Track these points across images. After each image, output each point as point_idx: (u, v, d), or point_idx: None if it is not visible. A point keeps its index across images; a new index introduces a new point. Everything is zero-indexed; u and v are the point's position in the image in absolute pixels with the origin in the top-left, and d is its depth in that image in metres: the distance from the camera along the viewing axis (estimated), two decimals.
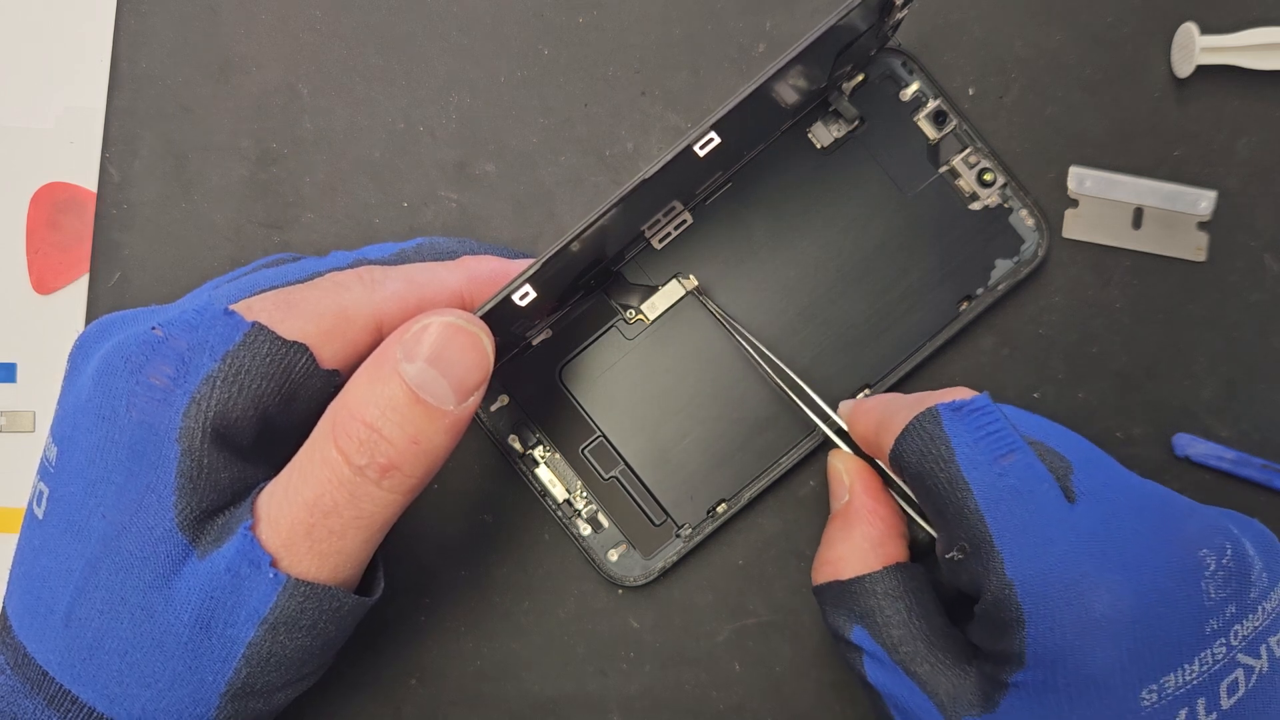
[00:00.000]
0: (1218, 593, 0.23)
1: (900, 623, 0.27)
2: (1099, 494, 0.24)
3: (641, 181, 0.25)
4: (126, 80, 0.34)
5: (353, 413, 0.23)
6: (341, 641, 0.26)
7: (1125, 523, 0.24)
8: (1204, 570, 0.23)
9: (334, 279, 0.26)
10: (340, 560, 0.24)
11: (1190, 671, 0.23)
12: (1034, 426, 0.26)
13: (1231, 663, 0.23)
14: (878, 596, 0.27)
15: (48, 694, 0.24)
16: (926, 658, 0.26)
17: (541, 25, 0.34)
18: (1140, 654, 0.22)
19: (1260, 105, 0.33)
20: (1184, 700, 0.22)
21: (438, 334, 0.23)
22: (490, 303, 0.25)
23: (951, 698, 0.25)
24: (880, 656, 0.27)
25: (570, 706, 0.33)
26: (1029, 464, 0.24)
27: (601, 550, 0.33)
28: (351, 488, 0.23)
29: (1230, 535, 0.24)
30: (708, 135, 0.25)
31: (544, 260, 0.24)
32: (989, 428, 0.25)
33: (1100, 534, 0.23)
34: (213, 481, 0.24)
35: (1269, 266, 0.33)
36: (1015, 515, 0.24)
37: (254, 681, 0.24)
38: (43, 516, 0.24)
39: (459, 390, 0.24)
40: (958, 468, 0.25)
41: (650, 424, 0.33)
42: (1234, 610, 0.23)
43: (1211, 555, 0.23)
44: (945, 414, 0.25)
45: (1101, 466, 0.25)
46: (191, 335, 0.24)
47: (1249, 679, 0.23)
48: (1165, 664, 0.22)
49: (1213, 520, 0.24)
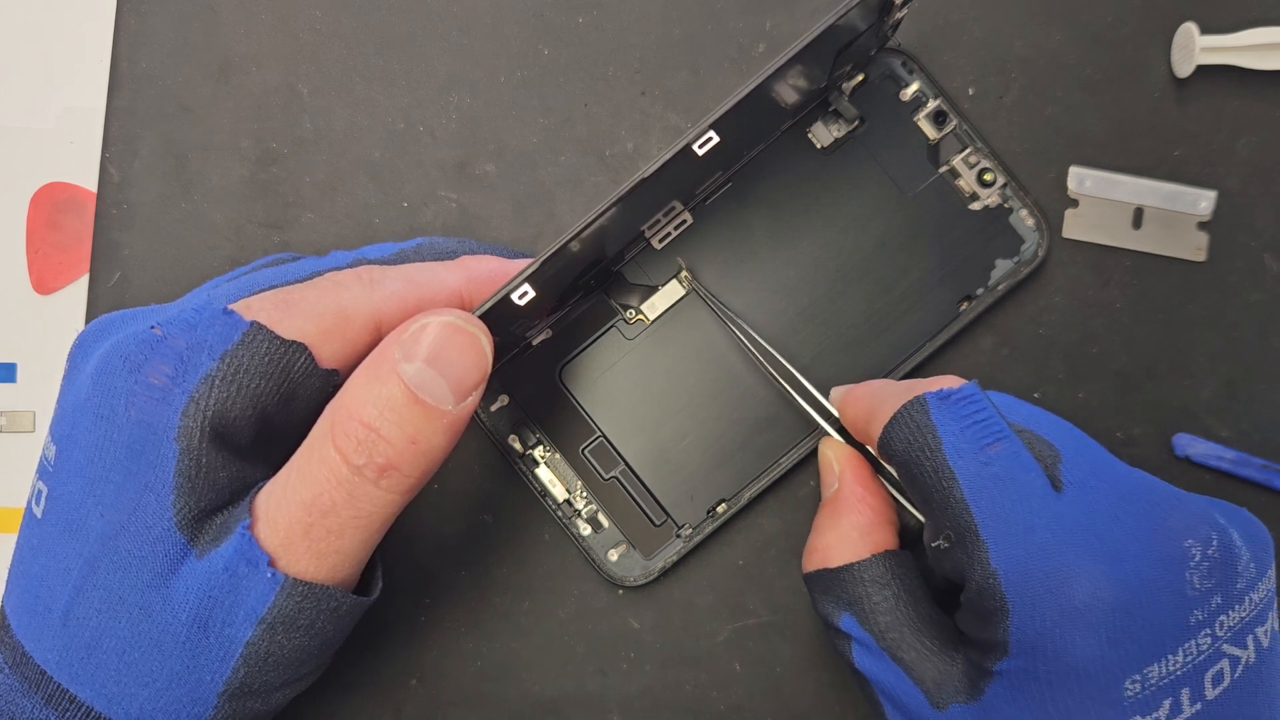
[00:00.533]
0: (1202, 583, 0.23)
1: (888, 610, 0.27)
2: (1086, 483, 0.24)
3: (640, 181, 0.24)
4: (126, 80, 0.34)
5: (351, 412, 0.23)
6: (340, 641, 0.26)
7: (1110, 512, 0.24)
8: (1189, 561, 0.23)
9: (333, 278, 0.26)
10: (339, 560, 0.24)
11: (1174, 662, 0.22)
12: (1024, 415, 0.26)
13: (1216, 653, 0.23)
14: (865, 584, 0.27)
15: (45, 693, 0.24)
16: (914, 645, 0.26)
17: (541, 25, 0.34)
18: (1122, 644, 0.22)
19: (1260, 105, 0.33)
20: (1168, 690, 0.22)
21: (436, 334, 0.23)
22: (489, 302, 0.25)
23: (938, 684, 0.25)
24: (868, 643, 0.27)
25: (570, 706, 0.33)
26: (1015, 453, 0.24)
27: (601, 550, 0.33)
28: (349, 487, 0.23)
29: (1217, 525, 0.23)
30: (707, 135, 0.25)
31: (543, 260, 0.24)
32: (975, 416, 0.25)
33: (1084, 523, 0.23)
34: (211, 481, 0.24)
35: (1269, 266, 0.33)
36: (1000, 504, 0.24)
37: (252, 681, 0.24)
38: (41, 515, 0.24)
39: (457, 390, 0.24)
40: (943, 456, 0.25)
41: (650, 424, 0.33)
42: (1219, 601, 0.23)
43: (1197, 546, 0.23)
44: (932, 402, 0.25)
45: (1090, 455, 0.25)
46: (190, 334, 0.24)
47: (1235, 669, 0.23)
48: (1148, 654, 0.22)
49: (1200, 510, 0.24)
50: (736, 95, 0.24)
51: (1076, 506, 0.24)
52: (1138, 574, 0.23)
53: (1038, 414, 0.26)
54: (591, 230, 0.25)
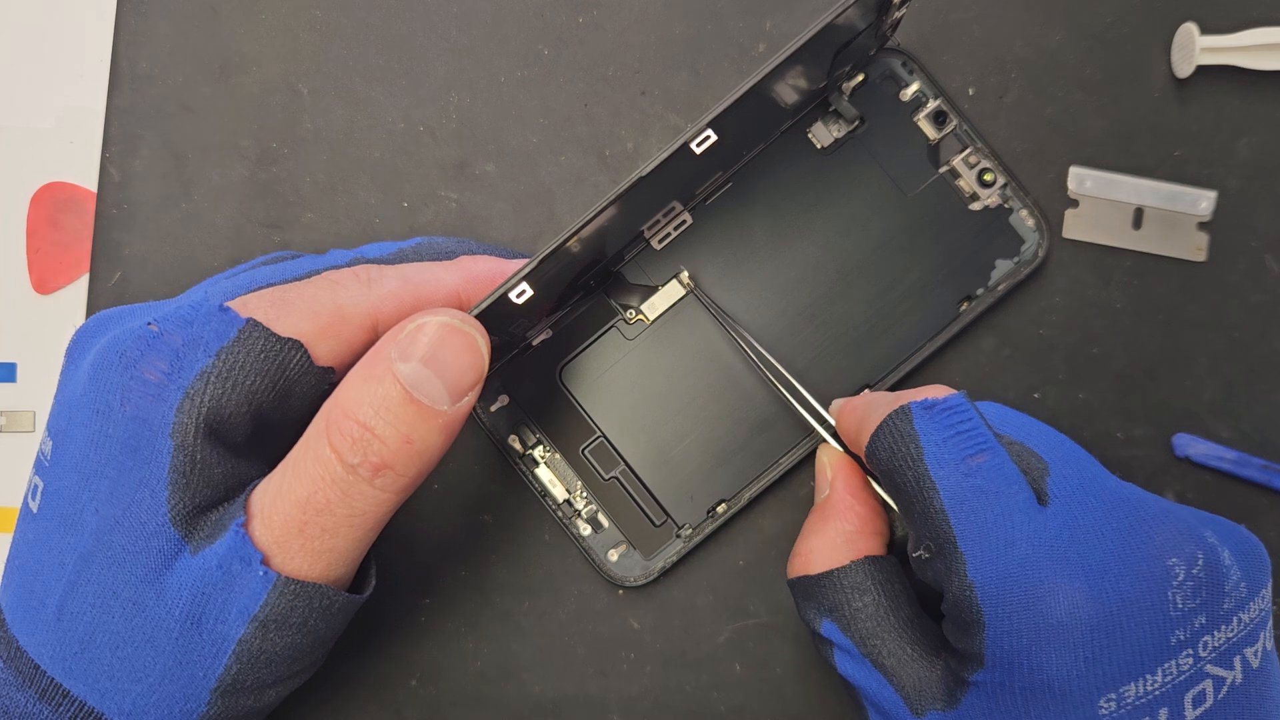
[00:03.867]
0: (1185, 603, 0.23)
1: (868, 616, 0.27)
2: (1073, 497, 0.24)
3: (638, 179, 0.24)
4: (126, 80, 0.34)
5: (346, 411, 0.23)
6: (333, 640, 0.26)
7: (1095, 528, 0.23)
8: (1172, 579, 0.23)
9: (330, 277, 0.26)
10: (333, 558, 0.24)
11: (1152, 682, 0.22)
12: (1015, 426, 0.25)
13: (1198, 674, 0.22)
14: (845, 590, 0.27)
15: (39, 687, 0.24)
16: (894, 651, 0.26)
17: (541, 25, 0.34)
18: (1099, 662, 0.22)
19: (1260, 105, 0.33)
20: (1145, 710, 0.22)
21: (433, 334, 0.23)
22: (486, 301, 0.25)
23: (918, 691, 0.25)
24: (849, 649, 0.27)
25: (570, 707, 0.33)
26: (999, 465, 0.24)
27: (601, 550, 0.33)
28: (344, 486, 0.23)
29: (1204, 544, 0.23)
30: (705, 133, 0.25)
31: (541, 259, 0.24)
32: (959, 426, 0.25)
33: (1066, 538, 0.23)
34: (206, 477, 0.24)
35: (1269, 267, 0.33)
36: (980, 516, 0.24)
37: (244, 678, 0.24)
38: (37, 510, 0.24)
39: (453, 391, 0.24)
40: (925, 466, 0.25)
41: (650, 424, 0.33)
42: (1204, 621, 0.23)
43: (1181, 565, 0.23)
44: (916, 411, 0.25)
45: (1080, 469, 0.25)
46: (186, 331, 0.24)
47: (1219, 690, 0.23)
48: (1125, 673, 0.22)
49: (1188, 528, 0.24)
50: (734, 93, 0.24)
51: (1059, 521, 0.23)
52: (1118, 591, 0.22)
53: (1030, 425, 0.26)
54: (590, 229, 0.25)
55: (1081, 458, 0.25)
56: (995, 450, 0.25)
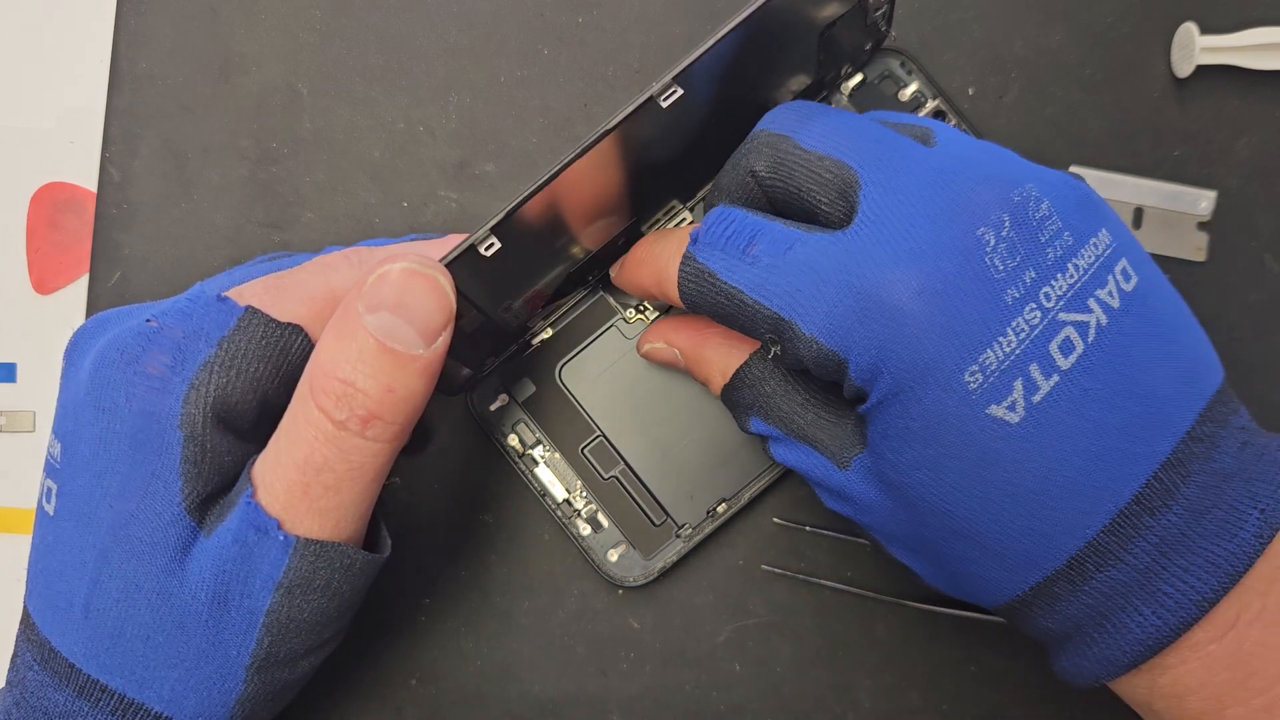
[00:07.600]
0: (1005, 264, 0.23)
1: (780, 397, 0.27)
2: (882, 202, 0.24)
3: (604, 132, 0.25)
4: (126, 80, 0.34)
5: (326, 370, 0.23)
6: (357, 603, 0.27)
7: (908, 219, 0.23)
8: (984, 246, 0.23)
9: (322, 261, 0.27)
10: (340, 515, 0.25)
11: (1008, 343, 0.22)
12: (820, 138, 0.25)
13: (1054, 324, 0.23)
14: (752, 382, 0.28)
15: (76, 685, 0.24)
16: (812, 421, 0.27)
17: (541, 25, 0.34)
18: (947, 340, 0.22)
19: (1260, 105, 0.33)
20: (1013, 372, 0.22)
21: (396, 280, 0.24)
22: (455, 252, 0.25)
23: (839, 446, 0.26)
24: (777, 435, 0.27)
25: (570, 707, 0.33)
26: (775, 235, 0.25)
27: (601, 550, 0.33)
28: (337, 442, 0.24)
29: (1010, 205, 0.23)
30: (672, 89, 0.25)
31: (506, 211, 0.24)
32: (726, 231, 0.26)
33: (880, 240, 0.23)
34: (216, 465, 0.24)
35: (1269, 266, 0.33)
36: (784, 283, 0.24)
37: (277, 650, 0.25)
38: (53, 512, 0.25)
39: (425, 333, 0.24)
40: (723, 283, 0.25)
41: (650, 424, 0.33)
42: (1034, 275, 0.23)
43: (990, 231, 0.23)
44: (693, 248, 0.26)
45: (893, 163, 0.24)
46: (186, 324, 0.25)
47: (1086, 334, 0.23)
48: (976, 342, 0.22)
49: (999, 192, 0.23)
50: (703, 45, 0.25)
51: (867, 230, 0.24)
52: (939, 271, 0.23)
53: (837, 134, 0.25)
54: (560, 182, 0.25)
55: (900, 146, 0.25)
56: (761, 226, 0.25)
